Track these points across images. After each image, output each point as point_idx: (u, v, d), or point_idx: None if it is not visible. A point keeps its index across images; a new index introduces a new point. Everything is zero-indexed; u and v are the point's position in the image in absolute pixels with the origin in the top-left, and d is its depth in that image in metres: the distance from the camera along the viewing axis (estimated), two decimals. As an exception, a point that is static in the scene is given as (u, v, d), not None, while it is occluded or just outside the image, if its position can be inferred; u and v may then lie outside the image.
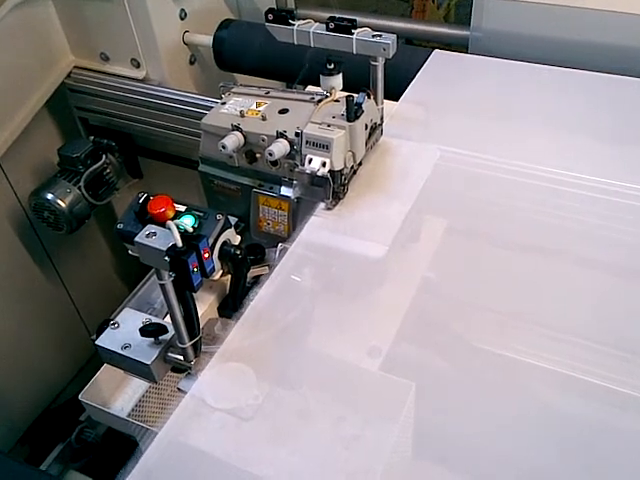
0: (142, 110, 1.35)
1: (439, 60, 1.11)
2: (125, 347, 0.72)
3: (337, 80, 0.84)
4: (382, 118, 0.91)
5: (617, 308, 0.82)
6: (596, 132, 0.98)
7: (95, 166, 1.41)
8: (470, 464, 0.73)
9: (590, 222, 0.88)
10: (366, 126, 0.84)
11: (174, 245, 0.59)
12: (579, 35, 1.13)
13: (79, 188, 1.38)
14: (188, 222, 0.68)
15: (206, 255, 0.62)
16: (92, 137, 1.44)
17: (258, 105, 0.88)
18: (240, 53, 1.38)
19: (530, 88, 1.06)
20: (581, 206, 0.89)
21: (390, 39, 0.82)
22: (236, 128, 0.85)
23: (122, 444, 1.14)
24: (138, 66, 1.36)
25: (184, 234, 0.61)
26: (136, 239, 0.60)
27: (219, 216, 0.73)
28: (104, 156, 1.43)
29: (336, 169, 0.80)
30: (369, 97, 0.84)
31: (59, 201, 1.36)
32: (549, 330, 0.82)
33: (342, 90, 0.86)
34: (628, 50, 1.09)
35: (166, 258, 0.59)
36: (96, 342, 0.73)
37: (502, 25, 1.19)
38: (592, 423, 0.74)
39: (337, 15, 0.85)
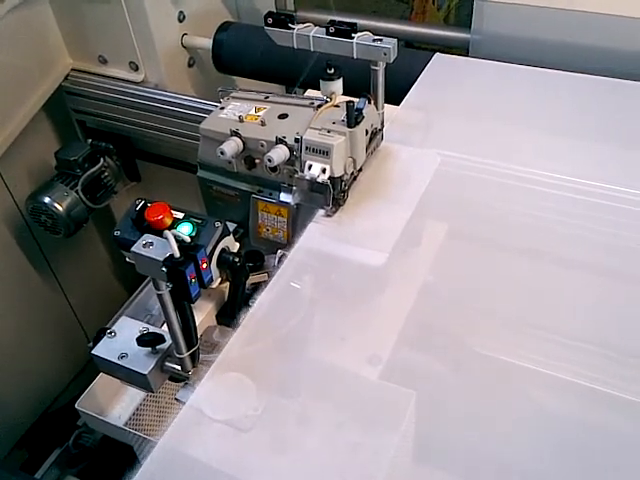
0: (140, 113, 1.34)
1: (440, 63, 1.11)
2: (122, 357, 0.71)
3: (337, 85, 0.83)
4: (383, 123, 0.90)
5: (618, 312, 0.82)
6: (603, 137, 0.97)
7: (93, 169, 1.40)
8: (471, 470, 0.72)
9: (592, 227, 0.88)
10: (366, 132, 0.83)
11: (171, 255, 0.58)
12: (581, 39, 1.12)
13: (77, 191, 1.38)
14: (186, 230, 0.67)
15: (204, 265, 0.61)
16: (90, 140, 1.44)
17: (257, 110, 0.87)
18: (239, 56, 1.37)
19: (532, 92, 1.06)
20: (584, 211, 0.89)
21: (391, 44, 0.81)
22: (235, 133, 0.84)
23: (120, 450, 1.14)
24: (136, 69, 1.36)
25: (182, 244, 0.60)
26: (133, 249, 0.59)
27: (217, 223, 0.72)
28: (102, 159, 1.43)
29: (336, 175, 0.79)
30: (369, 102, 0.84)
31: (56, 205, 1.35)
32: (553, 335, 0.81)
33: (342, 94, 0.85)
34: (630, 54, 1.09)
35: (163, 269, 0.58)
36: (92, 351, 0.72)
37: (503, 28, 1.18)
38: (594, 429, 0.74)
39: (337, 19, 0.84)
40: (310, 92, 1.01)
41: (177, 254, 0.59)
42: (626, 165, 0.93)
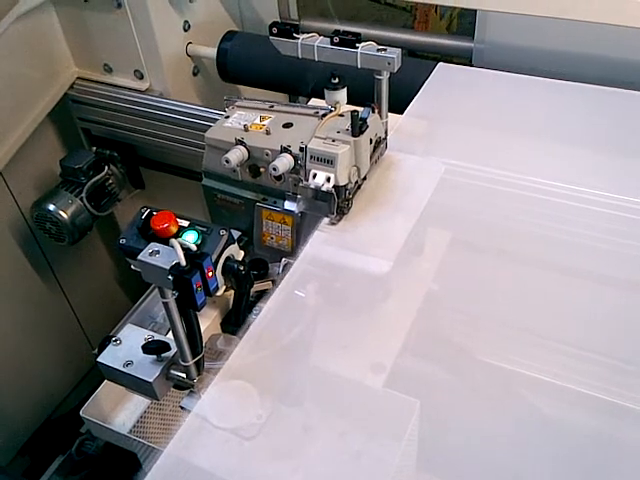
0: (145, 121, 1.35)
1: (444, 73, 1.11)
2: (127, 364, 0.71)
3: (342, 94, 0.83)
4: (386, 132, 0.90)
5: (623, 320, 0.82)
6: (605, 146, 0.98)
7: (97, 177, 1.41)
8: (475, 478, 0.72)
9: (593, 236, 0.88)
10: (371, 140, 0.84)
11: (177, 264, 0.59)
12: (584, 48, 1.12)
13: (81, 199, 1.38)
14: (191, 238, 0.67)
15: (210, 274, 0.61)
16: (94, 148, 1.44)
17: (262, 119, 0.87)
18: (243, 65, 1.38)
19: (536, 101, 1.06)
20: (585, 220, 0.89)
21: (395, 53, 0.82)
22: (240, 142, 0.84)
23: (122, 457, 1.13)
24: (141, 77, 1.36)
25: (188, 252, 0.61)
26: (139, 257, 0.59)
27: (222, 232, 0.72)
28: (106, 167, 1.43)
29: (340, 184, 0.80)
30: (374, 111, 0.84)
31: (61, 212, 1.36)
32: (557, 343, 0.81)
33: (346, 103, 0.85)
34: (635, 63, 1.09)
35: (170, 277, 0.58)
36: (98, 359, 0.72)
37: (506, 37, 1.19)
38: (602, 438, 0.74)
39: (342, 29, 0.84)
40: (314, 101, 1.02)
41: (183, 262, 0.59)
42: (632, 174, 0.93)
